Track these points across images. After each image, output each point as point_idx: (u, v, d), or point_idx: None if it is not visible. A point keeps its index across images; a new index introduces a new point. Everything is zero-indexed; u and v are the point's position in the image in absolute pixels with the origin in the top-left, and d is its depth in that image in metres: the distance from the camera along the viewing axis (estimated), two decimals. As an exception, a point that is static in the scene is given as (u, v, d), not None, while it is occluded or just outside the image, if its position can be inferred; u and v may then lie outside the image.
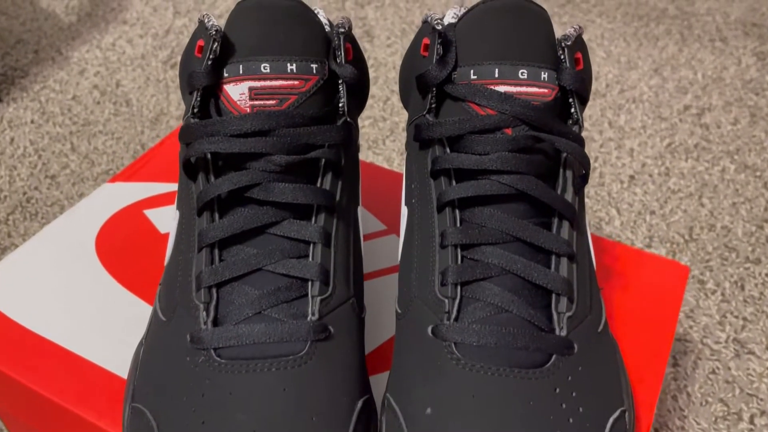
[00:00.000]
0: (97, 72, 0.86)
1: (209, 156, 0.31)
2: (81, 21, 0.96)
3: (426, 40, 0.33)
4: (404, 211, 0.34)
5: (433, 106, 0.33)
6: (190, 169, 0.31)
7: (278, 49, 0.31)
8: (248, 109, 0.31)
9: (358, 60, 0.34)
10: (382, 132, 0.76)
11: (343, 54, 0.32)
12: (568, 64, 0.31)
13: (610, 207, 0.67)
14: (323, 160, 0.31)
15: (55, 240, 0.44)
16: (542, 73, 0.31)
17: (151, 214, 0.47)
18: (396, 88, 0.83)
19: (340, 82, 0.32)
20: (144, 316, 0.38)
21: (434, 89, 0.32)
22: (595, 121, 0.78)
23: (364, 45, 0.91)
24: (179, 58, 0.89)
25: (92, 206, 0.47)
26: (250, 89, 0.31)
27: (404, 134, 0.76)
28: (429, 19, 0.32)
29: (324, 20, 0.38)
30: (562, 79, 0.31)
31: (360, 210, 0.48)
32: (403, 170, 0.71)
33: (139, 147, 0.74)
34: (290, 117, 0.31)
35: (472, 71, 0.31)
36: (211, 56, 0.31)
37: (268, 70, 0.31)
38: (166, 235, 0.45)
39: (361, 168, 0.52)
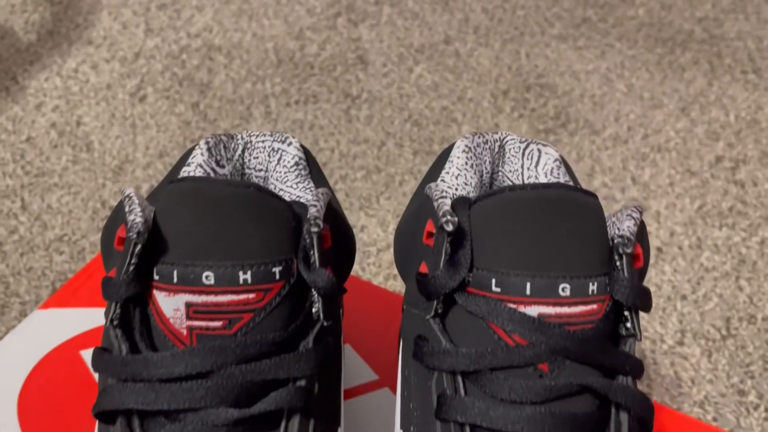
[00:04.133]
0: (56, 106, 0.76)
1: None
2: (41, 40, 0.86)
3: (430, 226, 0.24)
4: None
5: (440, 311, 0.24)
6: (106, 416, 0.23)
7: (226, 252, 0.22)
8: (184, 332, 0.23)
9: (339, 236, 0.25)
10: (376, 187, 0.68)
11: (317, 255, 0.23)
12: (625, 274, 0.22)
13: (634, 290, 0.59)
14: (286, 409, 0.23)
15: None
16: (590, 285, 0.22)
17: (89, 355, 0.38)
18: (392, 130, 0.74)
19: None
20: None
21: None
22: (617, 176, 0.69)
23: (357, 74, 0.81)
24: (149, 90, 0.79)
25: (16, 348, 0.38)
26: (188, 305, 0.22)
27: (401, 190, 0.67)
28: (435, 199, 0.24)
29: (296, 152, 0.29)
30: (616, 292, 0.23)
31: (346, 350, 0.39)
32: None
33: (99, 205, 0.65)
34: (242, 347, 0.22)
35: (494, 281, 0.23)
36: (133, 261, 0.22)
37: (213, 282, 0.22)
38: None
39: (350, 285, 0.44)
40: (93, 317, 0.40)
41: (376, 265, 0.61)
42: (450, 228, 0.22)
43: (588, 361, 0.22)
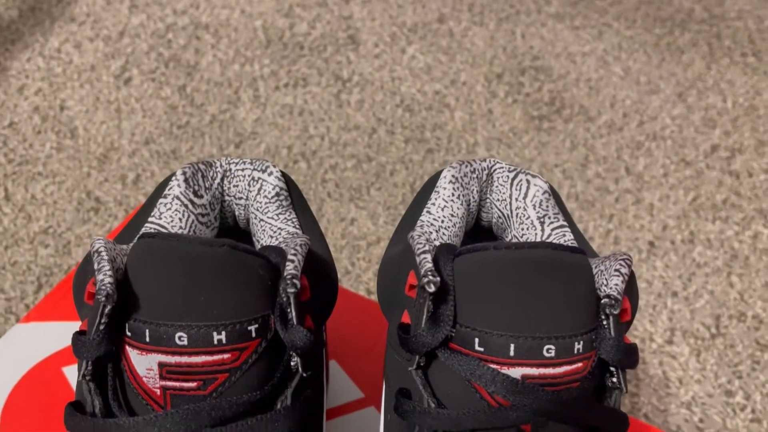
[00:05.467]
0: (39, 89, 0.74)
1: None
2: (23, 17, 0.83)
3: (413, 278, 0.23)
4: None
5: (422, 364, 0.23)
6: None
7: (200, 313, 0.21)
8: (158, 391, 0.22)
9: (319, 281, 0.25)
10: (366, 177, 0.66)
11: (294, 314, 0.22)
12: (612, 333, 0.22)
13: (625, 286, 0.58)
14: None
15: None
16: (576, 344, 0.22)
17: (71, 372, 0.38)
18: (383, 116, 0.73)
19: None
20: None
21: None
22: (611, 166, 0.68)
23: (348, 54, 0.79)
24: (134, 72, 0.77)
25: (-2, 365, 0.38)
26: (161, 365, 0.22)
27: (392, 180, 0.66)
28: (417, 253, 0.23)
29: (276, 182, 0.28)
30: (602, 351, 0.22)
31: (331, 366, 0.39)
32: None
33: (84, 195, 0.64)
34: (217, 410, 0.21)
35: (477, 340, 0.22)
36: (103, 321, 0.21)
37: (186, 343, 0.21)
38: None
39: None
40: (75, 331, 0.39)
41: (365, 260, 0.61)
42: (432, 289, 0.21)
43: (572, 420, 0.22)
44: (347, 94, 0.75)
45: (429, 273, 0.21)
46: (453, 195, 0.29)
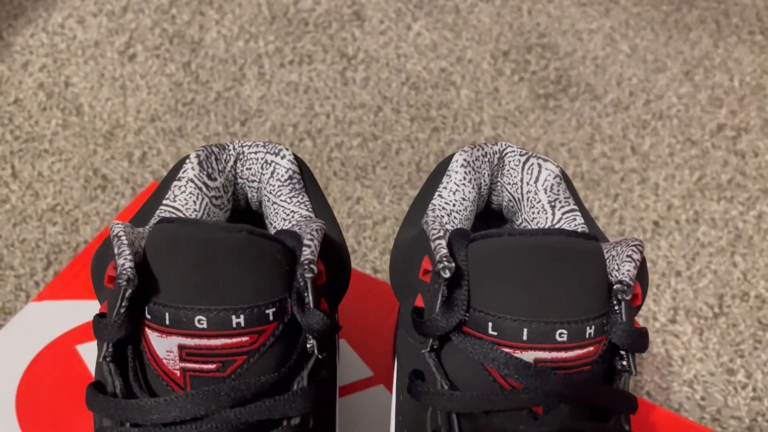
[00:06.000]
0: (43, 65, 0.74)
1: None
2: (25, -8, 0.83)
3: (427, 263, 0.23)
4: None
5: (435, 347, 0.24)
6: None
7: (218, 297, 0.22)
8: (177, 373, 0.23)
9: (334, 266, 0.25)
10: (372, 155, 0.67)
11: (311, 297, 0.22)
12: (623, 318, 0.22)
13: (630, 266, 0.59)
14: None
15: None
16: (587, 329, 0.22)
17: (84, 350, 0.39)
18: (389, 93, 0.73)
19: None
20: None
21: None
22: (616, 145, 0.68)
23: (354, 31, 0.79)
24: (139, 48, 0.77)
25: (12, 343, 0.38)
26: (181, 348, 0.22)
27: (397, 159, 0.67)
28: (431, 238, 0.23)
29: (289, 165, 0.29)
30: (613, 335, 0.22)
31: (341, 345, 0.39)
32: (398, 208, 0.62)
33: (91, 173, 0.64)
34: (236, 391, 0.22)
35: (490, 324, 0.22)
36: (124, 305, 0.22)
37: (205, 326, 0.22)
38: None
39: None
40: (87, 309, 0.40)
41: (371, 238, 0.61)
42: (447, 275, 0.21)
43: (582, 403, 0.22)
44: (352, 72, 0.75)
45: (444, 259, 0.22)
46: (464, 179, 0.29)
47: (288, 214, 0.29)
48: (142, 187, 0.64)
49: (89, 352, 0.38)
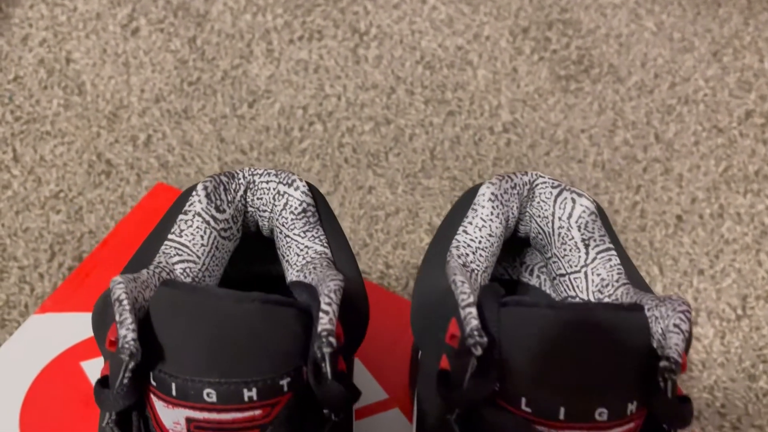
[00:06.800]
0: (44, 40, 0.71)
1: None
2: (22, -42, 0.79)
3: (454, 327, 0.22)
4: None
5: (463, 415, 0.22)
6: None
7: (229, 369, 0.20)
8: (186, 445, 0.21)
9: (352, 320, 0.23)
10: (384, 141, 0.64)
11: (329, 368, 0.21)
12: (669, 396, 0.20)
13: (651, 263, 0.57)
14: None
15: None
16: (629, 405, 0.21)
17: (88, 366, 0.37)
18: (402, 74, 0.70)
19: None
20: None
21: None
22: (640, 132, 0.66)
23: (366, 4, 0.75)
24: (142, 22, 0.74)
25: (16, 359, 0.37)
26: (189, 420, 0.21)
27: (411, 145, 0.64)
28: (461, 305, 0.21)
29: (303, 197, 0.27)
30: (657, 411, 0.21)
31: (355, 365, 0.38)
32: (411, 200, 0.60)
33: (95, 157, 0.62)
34: (248, 467, 0.21)
35: (524, 399, 0.21)
36: (127, 376, 0.20)
37: (215, 399, 0.20)
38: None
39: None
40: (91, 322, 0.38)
41: (384, 231, 0.59)
42: (479, 352, 0.20)
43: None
44: (364, 49, 0.72)
45: (476, 333, 0.20)
46: (492, 213, 0.27)
47: (302, 249, 0.27)
48: (147, 174, 0.62)
49: (93, 369, 0.37)
